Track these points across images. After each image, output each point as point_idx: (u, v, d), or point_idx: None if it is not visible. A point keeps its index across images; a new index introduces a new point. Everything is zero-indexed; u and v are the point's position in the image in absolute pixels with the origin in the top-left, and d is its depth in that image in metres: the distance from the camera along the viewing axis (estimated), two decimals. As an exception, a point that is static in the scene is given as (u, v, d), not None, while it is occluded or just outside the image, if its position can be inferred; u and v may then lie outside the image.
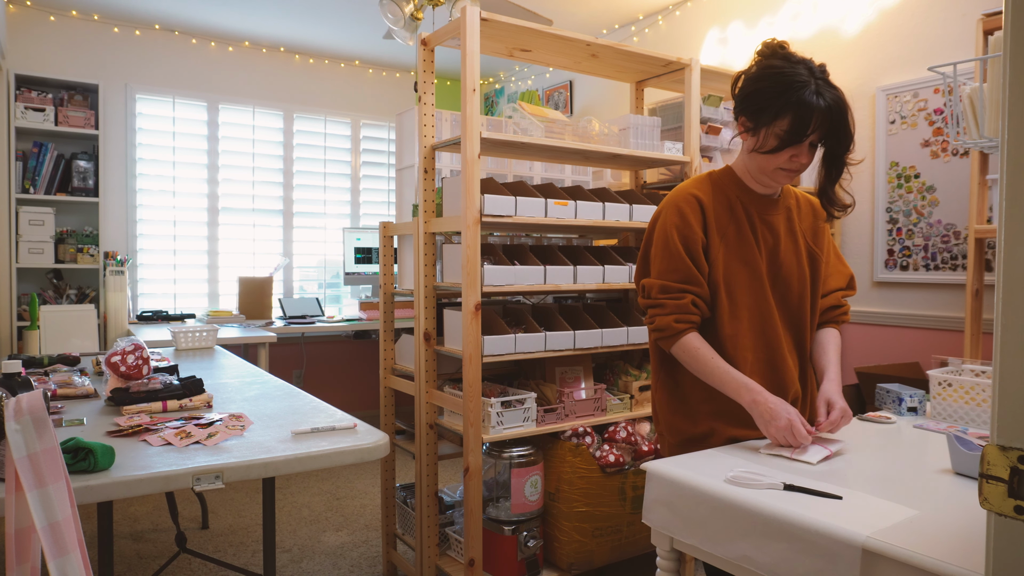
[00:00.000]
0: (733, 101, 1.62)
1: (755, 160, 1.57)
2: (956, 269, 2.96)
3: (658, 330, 1.58)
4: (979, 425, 1.76)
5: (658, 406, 1.71)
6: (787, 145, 1.50)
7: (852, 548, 1.04)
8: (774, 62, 1.52)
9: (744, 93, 1.55)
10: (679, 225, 1.58)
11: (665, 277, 1.58)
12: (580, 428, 2.46)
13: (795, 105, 1.46)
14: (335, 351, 5.30)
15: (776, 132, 1.50)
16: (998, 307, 0.69)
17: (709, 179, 1.66)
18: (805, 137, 1.49)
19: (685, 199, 1.60)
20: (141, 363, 1.96)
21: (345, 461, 1.51)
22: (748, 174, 1.63)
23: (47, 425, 1.09)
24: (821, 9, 3.50)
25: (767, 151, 1.52)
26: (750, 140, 1.56)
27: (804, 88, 1.46)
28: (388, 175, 5.60)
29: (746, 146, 1.59)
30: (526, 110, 2.56)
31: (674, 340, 1.57)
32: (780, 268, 1.64)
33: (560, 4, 4.28)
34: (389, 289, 2.78)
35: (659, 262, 1.59)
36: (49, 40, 4.37)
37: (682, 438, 1.64)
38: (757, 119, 1.52)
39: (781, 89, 1.47)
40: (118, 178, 4.58)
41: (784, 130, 1.48)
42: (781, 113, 1.48)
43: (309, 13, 4.45)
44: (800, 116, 1.47)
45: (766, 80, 1.50)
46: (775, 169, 1.55)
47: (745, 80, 1.56)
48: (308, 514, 3.46)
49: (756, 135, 1.54)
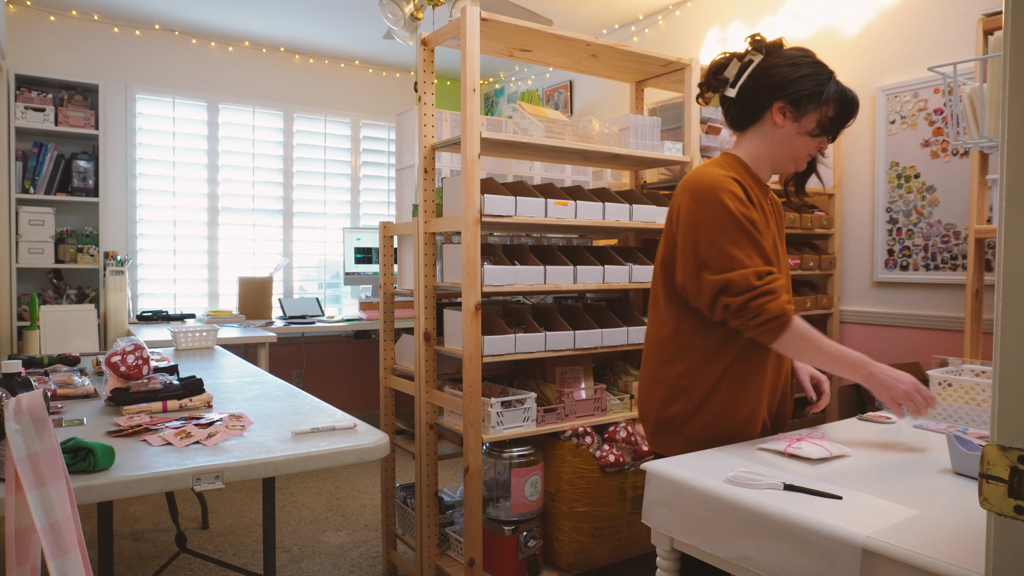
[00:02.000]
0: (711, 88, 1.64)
1: (786, 144, 1.59)
2: (956, 269, 2.96)
3: (773, 318, 1.45)
4: (979, 425, 1.76)
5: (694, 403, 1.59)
6: (830, 131, 1.58)
7: (852, 548, 1.04)
8: (795, 53, 1.58)
9: (787, 79, 1.55)
10: (741, 209, 1.51)
11: (754, 264, 1.48)
12: (580, 428, 2.46)
13: (838, 95, 1.55)
14: (335, 351, 5.30)
15: (821, 119, 1.56)
16: (998, 307, 0.69)
17: (728, 163, 1.62)
18: (842, 127, 1.59)
19: (731, 183, 1.54)
20: (141, 363, 1.96)
21: (345, 461, 1.51)
22: (760, 160, 1.63)
23: (47, 425, 1.09)
24: (821, 9, 3.50)
25: (815, 135, 1.58)
26: (793, 126, 1.57)
27: (836, 81, 1.57)
28: (388, 175, 5.60)
29: (781, 132, 1.58)
30: (526, 110, 2.56)
31: (788, 325, 1.46)
32: (777, 254, 1.65)
33: (560, 4, 4.28)
34: (389, 289, 2.78)
35: (737, 250, 1.48)
36: (49, 40, 4.37)
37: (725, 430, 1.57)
38: (804, 106, 1.55)
39: (827, 77, 1.56)
40: (118, 178, 4.58)
41: (830, 117, 1.56)
42: (829, 100, 1.55)
43: (309, 13, 4.45)
44: (846, 107, 1.57)
45: (811, 67, 1.56)
46: (807, 154, 1.61)
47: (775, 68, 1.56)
48: (308, 514, 3.46)
49: (800, 120, 1.56)
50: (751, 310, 1.46)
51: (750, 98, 1.60)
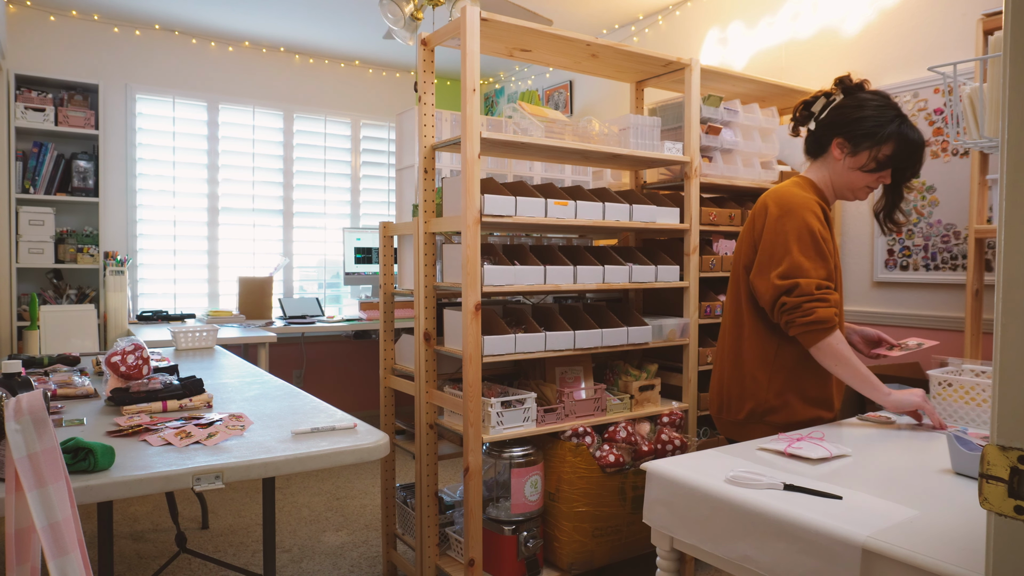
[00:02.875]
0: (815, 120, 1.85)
1: (849, 177, 1.83)
2: (956, 269, 2.96)
3: (818, 322, 1.69)
4: (979, 425, 1.76)
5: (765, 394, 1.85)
6: (884, 168, 1.78)
7: (852, 548, 1.04)
8: (867, 95, 1.80)
9: (849, 118, 1.79)
10: (819, 229, 1.77)
11: (819, 275, 1.73)
12: (580, 428, 2.46)
13: (898, 136, 1.76)
14: (335, 351, 5.30)
15: (878, 156, 1.77)
16: (998, 307, 0.69)
17: (808, 186, 1.87)
18: (903, 163, 1.77)
19: (814, 205, 1.80)
20: (141, 363, 1.96)
21: (345, 461, 1.51)
22: (830, 187, 1.89)
23: (47, 425, 1.09)
24: (821, 9, 3.50)
25: (867, 171, 1.79)
26: (849, 160, 1.81)
27: (903, 122, 1.77)
28: (388, 175, 5.61)
29: (841, 165, 1.83)
30: (526, 110, 2.56)
31: (828, 333, 1.70)
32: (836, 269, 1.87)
33: (560, 4, 4.28)
34: (389, 289, 2.78)
35: (808, 262, 1.73)
36: (49, 40, 4.38)
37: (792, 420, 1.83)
38: (859, 143, 1.78)
39: (889, 119, 1.76)
40: (118, 178, 4.58)
41: (886, 155, 1.77)
42: (888, 140, 1.76)
43: (309, 13, 4.45)
44: (904, 146, 1.76)
45: (870, 109, 1.77)
46: (864, 187, 1.83)
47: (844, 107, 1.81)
48: (308, 514, 3.46)
49: (856, 156, 1.80)
50: (803, 310, 1.70)
51: (820, 132, 1.86)
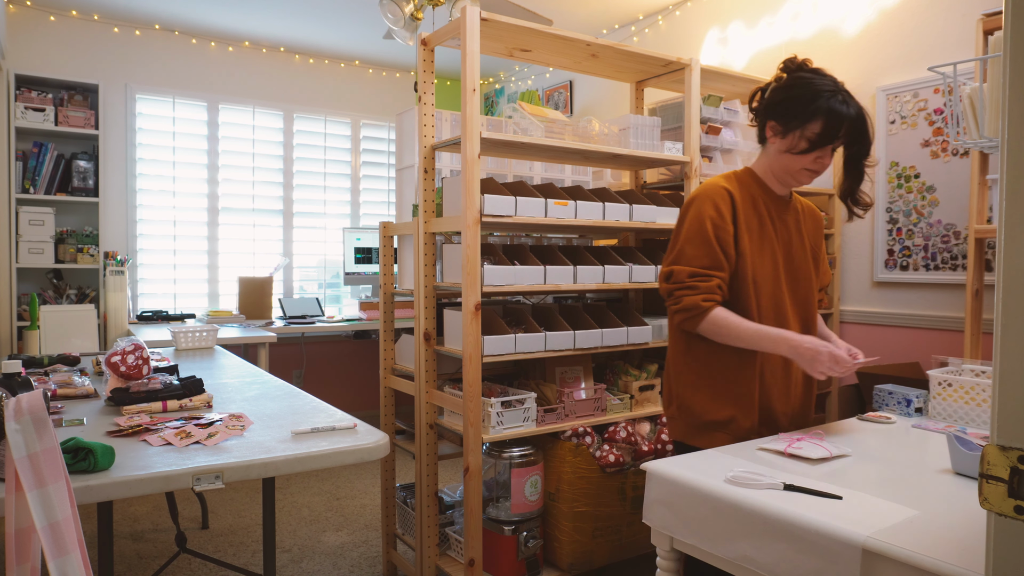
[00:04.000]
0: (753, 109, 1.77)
1: (782, 161, 1.72)
2: (956, 269, 2.96)
3: (685, 310, 1.66)
4: (979, 425, 1.76)
5: (681, 388, 1.77)
6: (817, 147, 1.65)
7: (852, 548, 1.04)
8: (803, 73, 1.69)
9: (775, 100, 1.70)
10: (713, 216, 1.68)
11: (695, 264, 1.67)
12: (580, 428, 2.46)
13: (825, 111, 1.62)
14: (335, 351, 5.30)
15: (807, 136, 1.65)
16: (998, 307, 0.69)
17: (735, 177, 1.79)
18: (834, 140, 1.65)
19: (718, 192, 1.71)
20: (141, 363, 1.96)
21: (345, 461, 1.51)
22: (771, 175, 1.78)
23: (47, 425, 1.09)
24: (821, 9, 3.50)
25: (798, 152, 1.67)
26: (779, 143, 1.71)
27: (832, 97, 1.63)
28: (388, 175, 5.60)
29: (774, 148, 1.73)
30: (526, 110, 2.56)
31: (701, 318, 1.65)
32: (794, 264, 1.78)
33: (560, 4, 4.28)
34: (389, 289, 2.78)
35: (691, 249, 1.68)
36: (49, 40, 4.37)
37: (701, 421, 1.72)
38: (788, 123, 1.67)
39: (812, 96, 1.64)
40: (118, 178, 4.58)
41: (816, 133, 1.64)
42: (813, 117, 1.63)
43: (309, 13, 4.45)
44: (831, 121, 1.63)
45: (797, 88, 1.67)
46: (801, 169, 1.70)
47: (775, 89, 1.72)
48: (308, 514, 3.46)
49: (786, 138, 1.69)
50: (674, 298, 1.69)
51: (758, 119, 1.78)
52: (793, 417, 1.79)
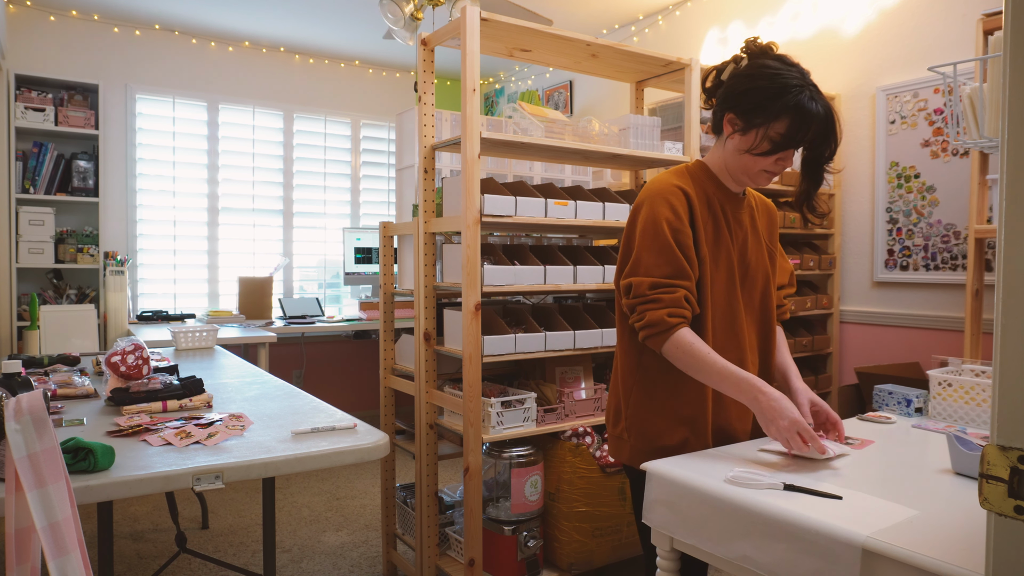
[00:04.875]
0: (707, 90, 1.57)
1: (741, 161, 1.52)
2: (956, 269, 2.96)
3: (649, 326, 1.47)
4: (979, 425, 1.77)
5: (631, 408, 1.59)
6: (781, 149, 1.46)
7: (852, 548, 1.04)
8: (768, 62, 1.48)
9: (737, 89, 1.49)
10: (669, 218, 1.49)
11: (655, 273, 1.48)
12: (580, 428, 2.46)
13: (793, 109, 1.43)
14: (335, 351, 5.30)
15: (771, 135, 1.46)
16: (998, 307, 0.69)
17: (688, 172, 1.60)
18: (801, 143, 1.46)
19: (671, 191, 1.52)
20: (141, 363, 1.96)
21: (345, 461, 1.51)
22: (725, 172, 1.58)
23: (47, 425, 1.09)
24: (821, 9, 3.50)
25: (760, 153, 1.48)
26: (739, 140, 1.50)
27: (801, 92, 1.43)
28: (388, 175, 5.60)
29: (732, 145, 1.53)
30: (526, 110, 2.56)
31: (666, 336, 1.46)
32: (748, 266, 1.61)
33: (560, 4, 4.28)
34: (389, 289, 2.78)
35: (649, 256, 1.48)
36: (49, 40, 4.37)
37: (653, 446, 1.56)
38: (750, 119, 1.47)
39: (778, 91, 1.43)
40: (118, 178, 4.58)
41: (780, 133, 1.45)
42: (779, 115, 1.44)
43: (309, 13, 4.45)
44: (798, 121, 1.43)
45: (763, 80, 1.45)
46: (760, 171, 1.52)
47: (737, 76, 1.50)
48: (308, 514, 3.46)
49: (747, 135, 1.49)
50: (637, 313, 1.49)
51: (716, 107, 1.56)
52: (753, 437, 1.63)
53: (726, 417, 1.58)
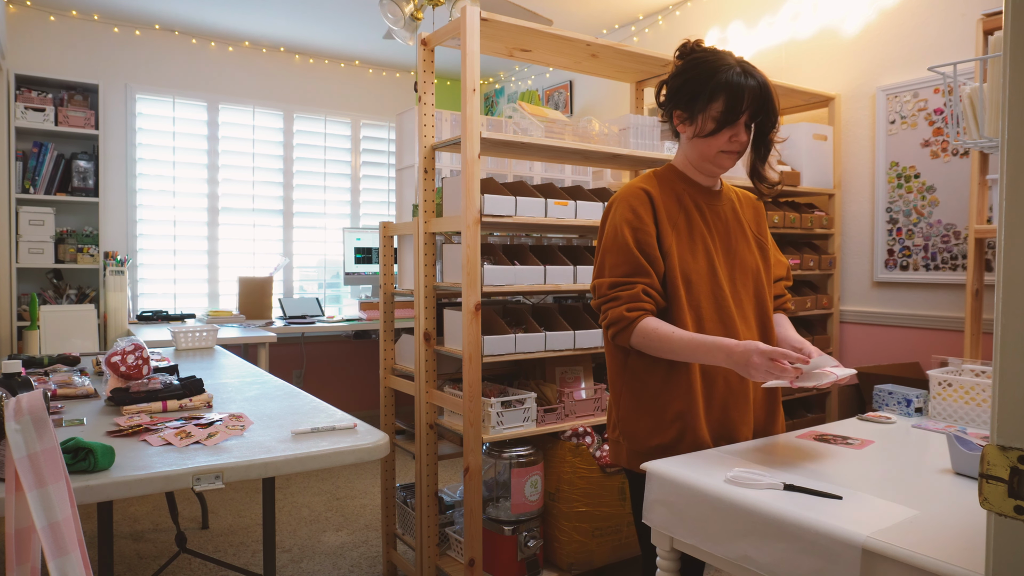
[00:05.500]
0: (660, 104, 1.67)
1: (697, 148, 1.61)
2: (956, 269, 2.96)
3: (612, 323, 1.54)
4: (979, 425, 1.77)
5: (622, 412, 1.63)
6: (724, 125, 1.54)
7: (852, 548, 1.04)
8: (697, 54, 1.59)
9: (675, 87, 1.61)
10: (630, 220, 1.58)
11: (614, 273, 1.56)
12: (580, 428, 2.46)
13: (725, 86, 1.52)
14: (335, 351, 5.30)
15: (712, 115, 1.54)
16: (998, 307, 0.69)
17: (655, 175, 1.68)
18: (740, 115, 1.54)
19: (634, 194, 1.62)
20: (141, 363, 1.96)
21: (345, 461, 1.51)
22: (690, 166, 1.67)
23: (47, 425, 1.09)
24: (821, 9, 3.50)
25: (707, 135, 1.56)
26: (689, 129, 1.60)
27: (730, 70, 1.54)
28: (388, 175, 5.60)
29: (685, 137, 1.63)
30: (526, 110, 2.56)
31: (630, 330, 1.52)
32: (735, 256, 1.65)
33: (560, 4, 4.28)
34: (389, 289, 2.78)
35: (610, 259, 1.58)
36: (49, 40, 4.37)
37: (646, 447, 1.58)
38: (691, 107, 1.57)
39: (709, 73, 1.54)
40: (118, 178, 4.58)
41: (720, 111, 1.54)
42: (714, 95, 1.53)
43: (309, 13, 4.45)
44: (733, 95, 1.52)
45: (693, 70, 1.57)
46: (717, 153, 1.59)
47: (672, 77, 1.62)
48: (308, 514, 3.46)
49: (694, 123, 1.58)
50: (601, 313, 1.58)
51: (664, 112, 1.67)
52: (756, 428, 1.64)
53: (724, 408, 1.59)
